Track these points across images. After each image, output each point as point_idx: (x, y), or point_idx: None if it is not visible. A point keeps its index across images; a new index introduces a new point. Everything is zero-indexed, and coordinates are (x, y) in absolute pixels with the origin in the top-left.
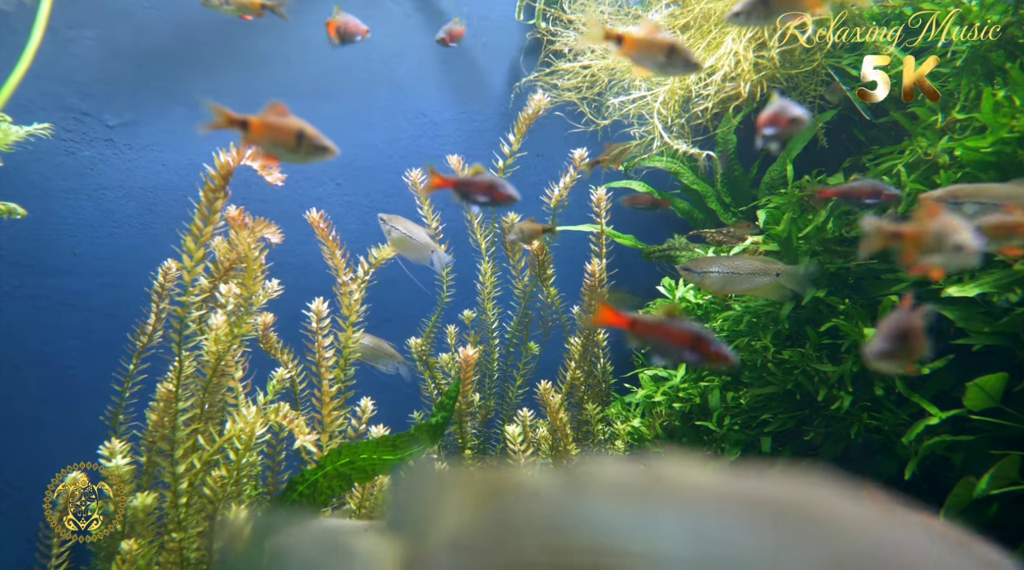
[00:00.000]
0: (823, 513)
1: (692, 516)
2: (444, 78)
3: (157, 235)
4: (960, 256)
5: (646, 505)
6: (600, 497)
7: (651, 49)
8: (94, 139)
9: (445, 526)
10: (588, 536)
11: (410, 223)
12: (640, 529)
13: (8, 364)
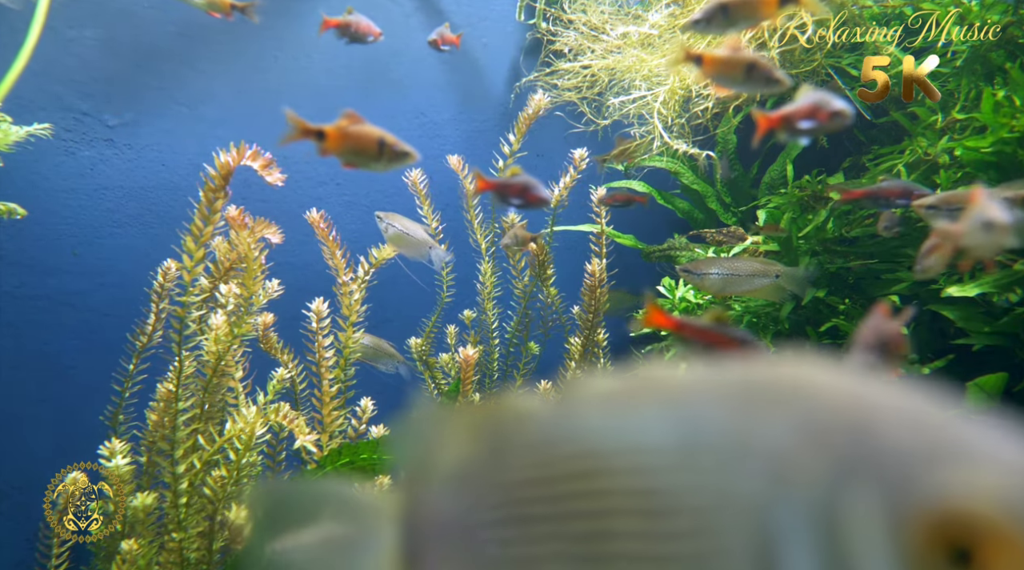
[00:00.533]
0: (797, 384)
1: (672, 407)
2: (444, 78)
3: (157, 235)
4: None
5: (630, 406)
6: (589, 407)
7: (731, 68)
8: (94, 139)
9: (443, 462)
10: (576, 443)
11: (407, 220)
12: (624, 428)
13: (8, 364)
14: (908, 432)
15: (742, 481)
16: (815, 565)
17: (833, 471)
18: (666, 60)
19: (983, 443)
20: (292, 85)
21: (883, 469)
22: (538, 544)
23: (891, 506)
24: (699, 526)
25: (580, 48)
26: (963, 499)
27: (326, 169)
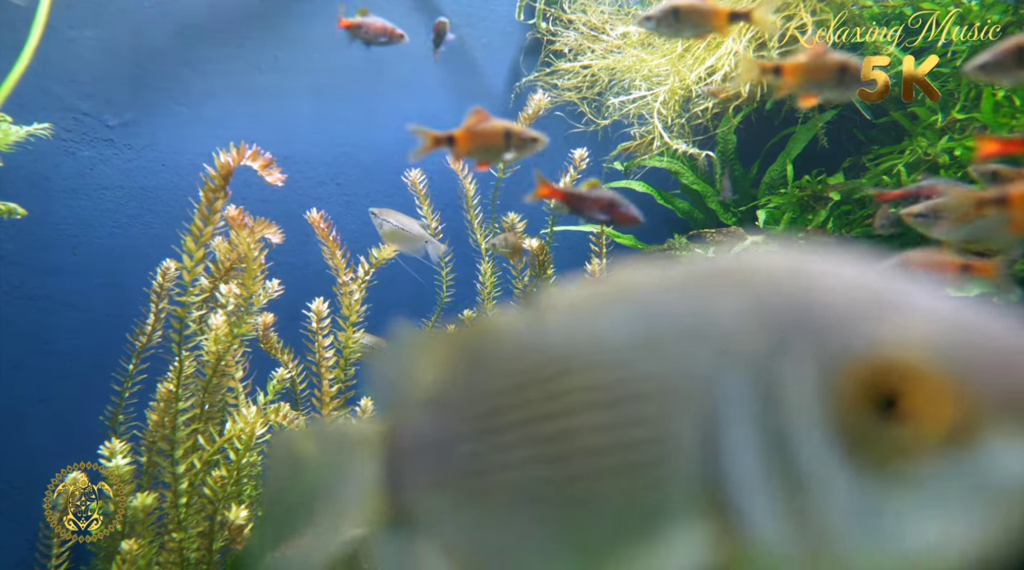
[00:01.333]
0: (744, 268)
1: (630, 303)
2: (444, 78)
3: (157, 235)
4: None
5: (593, 308)
6: (555, 315)
7: (817, 74)
8: (94, 139)
9: (422, 385)
10: (542, 350)
11: (401, 215)
12: (585, 329)
13: (8, 364)
14: (844, 296)
15: (692, 362)
16: (755, 434)
17: (771, 341)
18: (738, 76)
19: (912, 298)
20: (292, 85)
21: (817, 333)
22: (508, 451)
23: (821, 366)
24: (654, 411)
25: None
26: (887, 348)
27: (326, 169)
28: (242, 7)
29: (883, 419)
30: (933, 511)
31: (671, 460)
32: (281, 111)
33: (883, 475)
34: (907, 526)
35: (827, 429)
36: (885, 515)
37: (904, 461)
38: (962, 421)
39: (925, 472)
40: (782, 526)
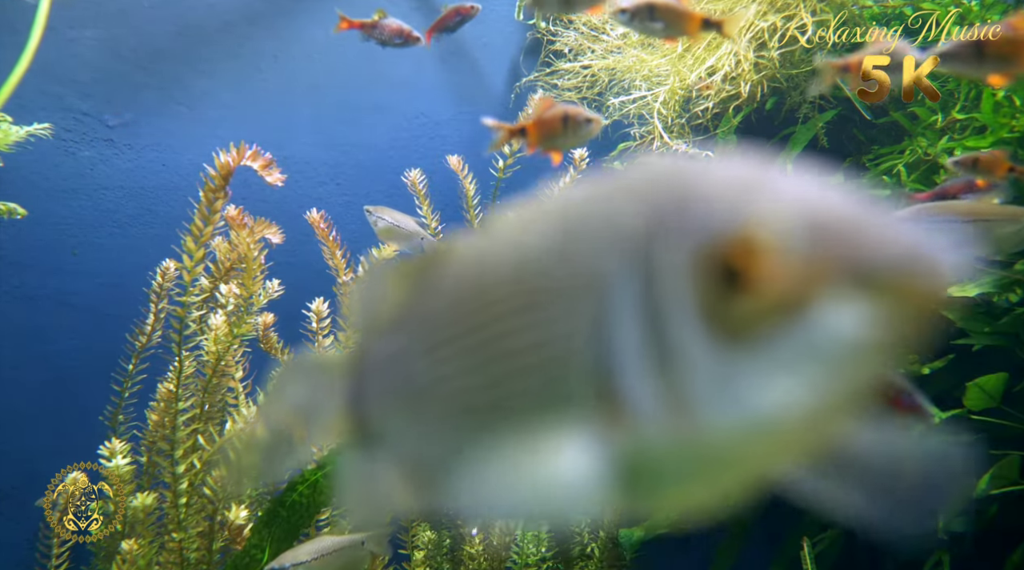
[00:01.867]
0: (648, 174)
1: (552, 214)
2: (444, 78)
3: (157, 235)
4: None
5: (521, 226)
6: (493, 235)
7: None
8: (94, 139)
9: (384, 312)
10: (477, 268)
11: (396, 213)
12: (513, 244)
13: (8, 364)
14: (715, 186)
15: (591, 261)
16: (638, 321)
17: (651, 231)
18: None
19: (775, 184)
20: (292, 85)
21: (685, 219)
22: (446, 364)
23: (684, 247)
24: (560, 311)
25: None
26: (734, 225)
27: (326, 169)
28: (242, 7)
29: (733, 292)
30: (779, 375)
31: (573, 354)
32: (281, 111)
33: (736, 346)
34: (758, 392)
35: (690, 306)
36: (740, 383)
37: (752, 331)
38: (798, 289)
39: (769, 340)
40: (659, 405)
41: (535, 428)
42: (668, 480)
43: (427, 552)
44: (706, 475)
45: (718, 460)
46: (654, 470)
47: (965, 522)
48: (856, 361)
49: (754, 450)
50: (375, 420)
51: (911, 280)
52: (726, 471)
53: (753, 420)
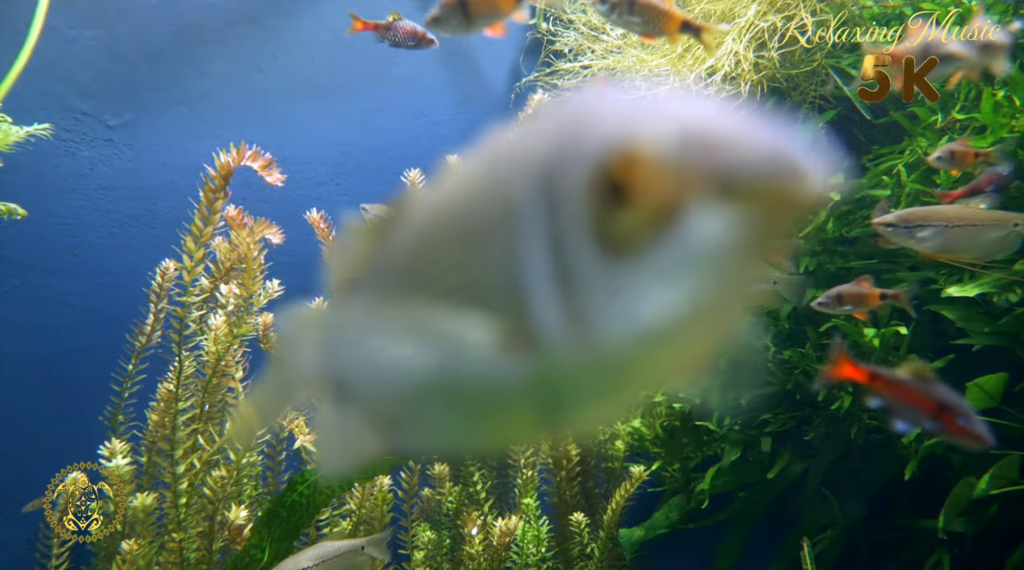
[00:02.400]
0: (565, 110)
1: (486, 157)
2: (444, 78)
3: (157, 235)
4: None
5: (463, 171)
6: (437, 188)
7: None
8: (94, 139)
9: (355, 261)
10: (427, 211)
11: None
12: (453, 184)
13: (8, 364)
14: (612, 114)
15: (513, 192)
16: (543, 242)
17: (556, 158)
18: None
19: (664, 107)
20: (292, 85)
21: (583, 143)
22: (404, 294)
23: (578, 168)
24: (488, 242)
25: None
26: (616, 143)
27: (326, 169)
28: (242, 7)
29: (618, 207)
30: (660, 285)
31: (495, 283)
32: (281, 111)
33: (623, 260)
34: (643, 303)
35: (584, 225)
36: (627, 297)
37: (635, 244)
38: (670, 198)
39: (650, 251)
40: (561, 323)
41: (475, 358)
42: (577, 395)
43: (427, 552)
44: (608, 389)
45: (616, 373)
46: (565, 386)
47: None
48: (728, 265)
49: (646, 361)
50: (344, 373)
51: (772, 182)
52: (625, 384)
53: (641, 331)
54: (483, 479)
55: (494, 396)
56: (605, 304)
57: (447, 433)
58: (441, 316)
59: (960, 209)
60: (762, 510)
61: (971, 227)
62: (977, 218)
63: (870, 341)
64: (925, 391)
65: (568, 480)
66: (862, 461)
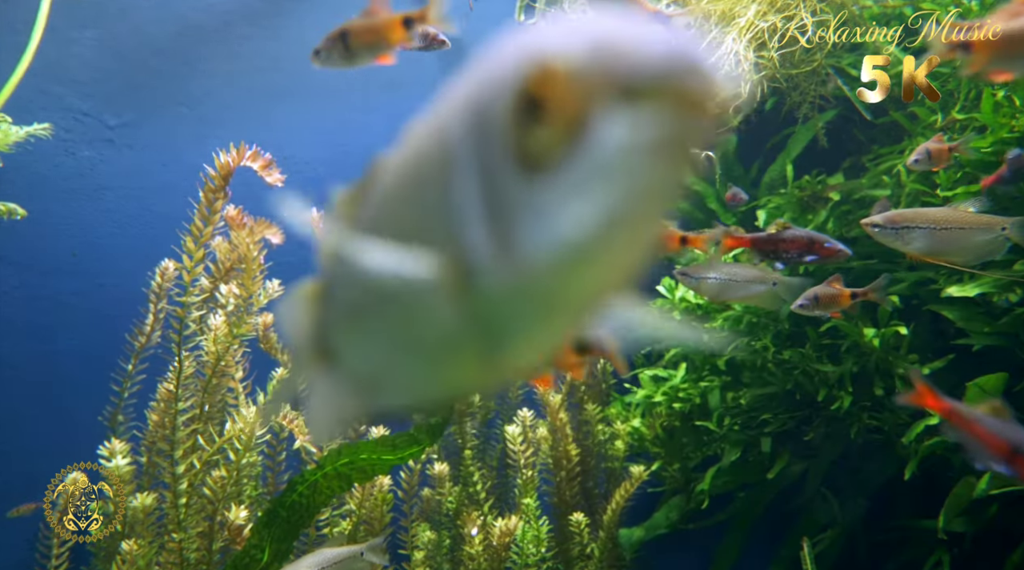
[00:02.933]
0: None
1: (438, 110)
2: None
3: (157, 235)
4: None
5: (421, 124)
6: (401, 144)
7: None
8: (94, 139)
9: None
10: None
11: None
12: (410, 142)
13: (8, 364)
14: (536, 42)
15: (455, 136)
16: (475, 174)
17: (484, 90)
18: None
19: (585, 25)
20: (292, 85)
21: (506, 68)
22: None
23: (503, 95)
24: (437, 182)
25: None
26: (530, 63)
27: (326, 169)
28: (242, 7)
29: (535, 124)
30: (578, 197)
31: (435, 215)
32: (281, 111)
33: (542, 176)
34: (564, 218)
35: (507, 147)
36: (549, 213)
37: (551, 158)
38: (580, 107)
39: (566, 163)
40: (491, 249)
41: (422, 298)
42: (514, 325)
43: (427, 552)
44: (542, 313)
45: (546, 294)
46: (502, 315)
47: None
48: (642, 170)
49: (573, 277)
50: (331, 338)
51: (671, 80)
52: (557, 306)
53: (564, 246)
54: (483, 479)
55: (443, 336)
56: (530, 225)
57: (412, 383)
58: (389, 259)
59: (949, 212)
60: (762, 510)
61: (959, 230)
62: (965, 221)
63: (870, 341)
64: (999, 433)
65: (568, 480)
66: (862, 461)
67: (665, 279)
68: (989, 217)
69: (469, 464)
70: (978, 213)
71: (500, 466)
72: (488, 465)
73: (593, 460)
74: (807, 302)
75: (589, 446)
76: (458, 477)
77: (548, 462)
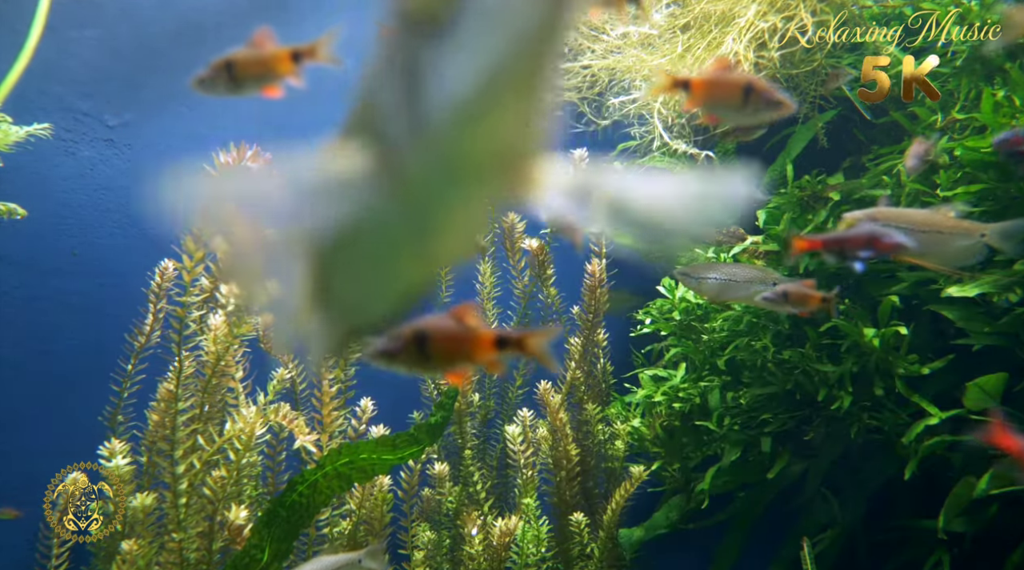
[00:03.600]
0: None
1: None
2: None
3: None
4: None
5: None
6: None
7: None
8: (94, 139)
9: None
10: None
11: None
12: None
13: (8, 364)
14: None
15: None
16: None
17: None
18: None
19: None
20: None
21: None
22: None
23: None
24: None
25: (580, 48)
26: None
27: None
28: (242, 7)
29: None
30: (464, 50)
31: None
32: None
33: (436, 37)
34: (452, 72)
35: (403, 12)
36: (443, 70)
37: (438, 14)
38: None
39: (452, 18)
40: (401, 120)
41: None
42: (434, 201)
43: (427, 552)
44: (453, 181)
45: (452, 159)
46: (424, 194)
47: (965, 522)
48: (517, 13)
49: (471, 136)
50: (326, 282)
51: None
52: (464, 172)
53: (456, 102)
54: (483, 479)
55: (386, 234)
56: (431, 87)
57: (372, 297)
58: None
59: (929, 215)
60: (762, 510)
61: (938, 234)
62: (945, 226)
63: (870, 341)
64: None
65: (568, 480)
66: (862, 461)
67: (665, 279)
68: (968, 222)
69: (469, 464)
70: (958, 217)
71: (500, 466)
72: (488, 465)
73: (593, 460)
74: (774, 296)
75: (589, 446)
76: (458, 477)
77: (548, 462)
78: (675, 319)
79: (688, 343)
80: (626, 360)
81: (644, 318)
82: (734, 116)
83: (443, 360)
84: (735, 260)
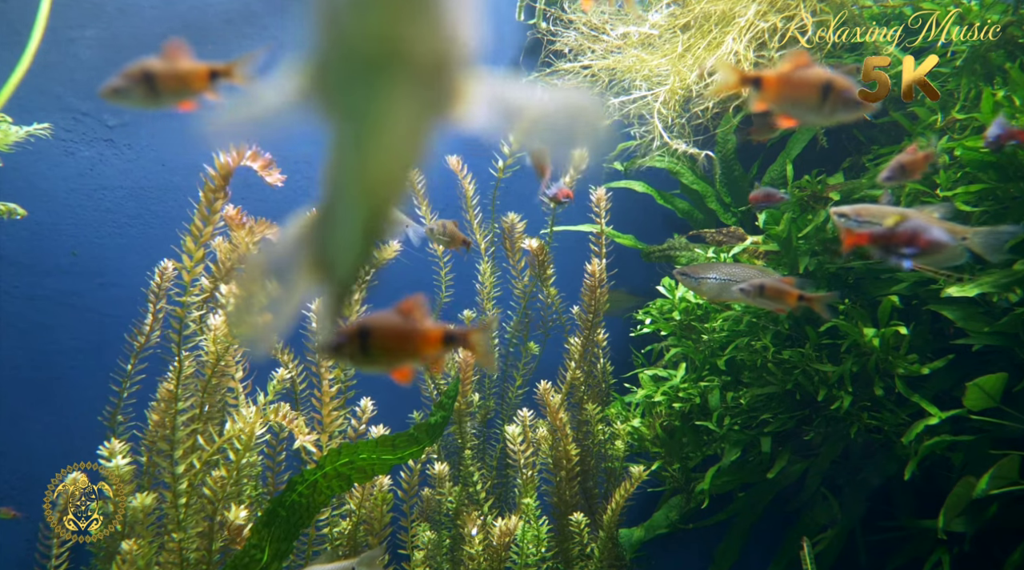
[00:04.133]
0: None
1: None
2: None
3: (157, 235)
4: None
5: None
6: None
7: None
8: (94, 139)
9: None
10: None
11: None
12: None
13: (8, 364)
14: None
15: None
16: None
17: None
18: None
19: None
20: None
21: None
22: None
23: None
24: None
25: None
26: None
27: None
28: (242, 7)
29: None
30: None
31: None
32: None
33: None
34: None
35: None
36: None
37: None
38: None
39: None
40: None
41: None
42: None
43: (427, 552)
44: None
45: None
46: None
47: (965, 522)
48: None
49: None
50: (326, 254)
51: None
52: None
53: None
54: (483, 479)
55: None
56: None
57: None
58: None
59: (914, 215)
60: (762, 510)
61: None
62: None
63: (870, 341)
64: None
65: (568, 480)
66: (862, 461)
67: (665, 279)
68: (952, 225)
69: (469, 464)
70: (942, 219)
71: (500, 466)
72: (488, 465)
73: (593, 460)
74: (750, 289)
75: (589, 446)
76: (458, 477)
77: (548, 462)
78: (675, 319)
79: (688, 343)
80: (626, 360)
81: (644, 318)
82: (809, 116)
83: (387, 356)
84: (735, 260)
